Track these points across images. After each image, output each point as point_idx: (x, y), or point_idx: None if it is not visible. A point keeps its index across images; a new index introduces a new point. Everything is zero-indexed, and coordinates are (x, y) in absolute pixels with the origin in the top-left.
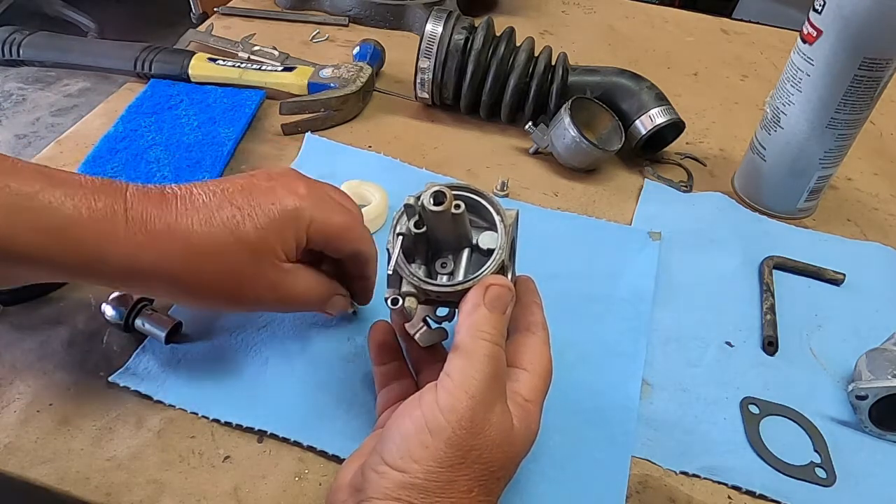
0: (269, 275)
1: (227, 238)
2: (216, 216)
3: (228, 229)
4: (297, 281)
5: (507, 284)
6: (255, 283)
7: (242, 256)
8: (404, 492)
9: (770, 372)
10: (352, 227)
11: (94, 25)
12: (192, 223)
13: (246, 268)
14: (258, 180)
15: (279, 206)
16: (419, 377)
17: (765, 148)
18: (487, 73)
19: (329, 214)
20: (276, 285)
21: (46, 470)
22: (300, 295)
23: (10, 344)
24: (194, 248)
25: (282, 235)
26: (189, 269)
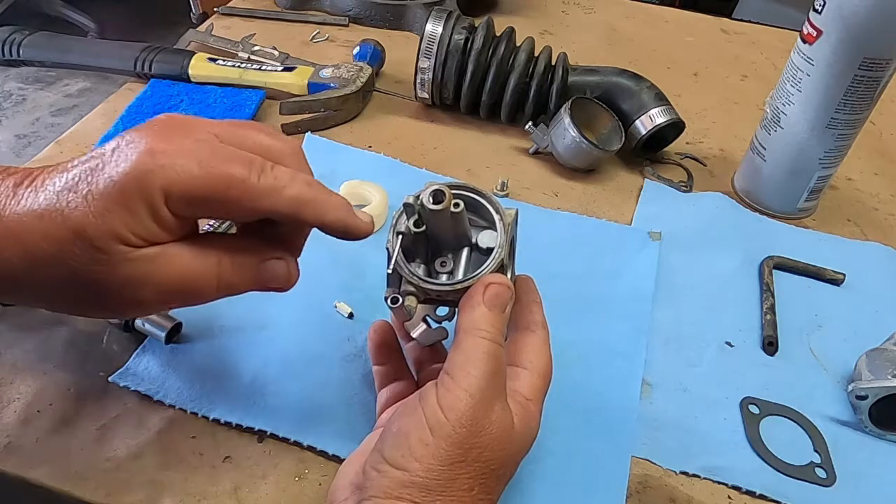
0: (123, 269)
1: (59, 232)
2: (53, 210)
3: (60, 221)
4: (168, 267)
5: (506, 283)
6: (110, 283)
7: (80, 253)
8: (405, 490)
9: (770, 372)
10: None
11: (94, 25)
12: (29, 218)
13: (90, 265)
14: (112, 143)
15: (117, 175)
16: (419, 377)
17: (765, 148)
18: (487, 73)
19: (197, 169)
20: (140, 280)
21: (46, 470)
22: (199, 278)
23: (10, 344)
24: (32, 250)
25: (126, 216)
26: (36, 280)
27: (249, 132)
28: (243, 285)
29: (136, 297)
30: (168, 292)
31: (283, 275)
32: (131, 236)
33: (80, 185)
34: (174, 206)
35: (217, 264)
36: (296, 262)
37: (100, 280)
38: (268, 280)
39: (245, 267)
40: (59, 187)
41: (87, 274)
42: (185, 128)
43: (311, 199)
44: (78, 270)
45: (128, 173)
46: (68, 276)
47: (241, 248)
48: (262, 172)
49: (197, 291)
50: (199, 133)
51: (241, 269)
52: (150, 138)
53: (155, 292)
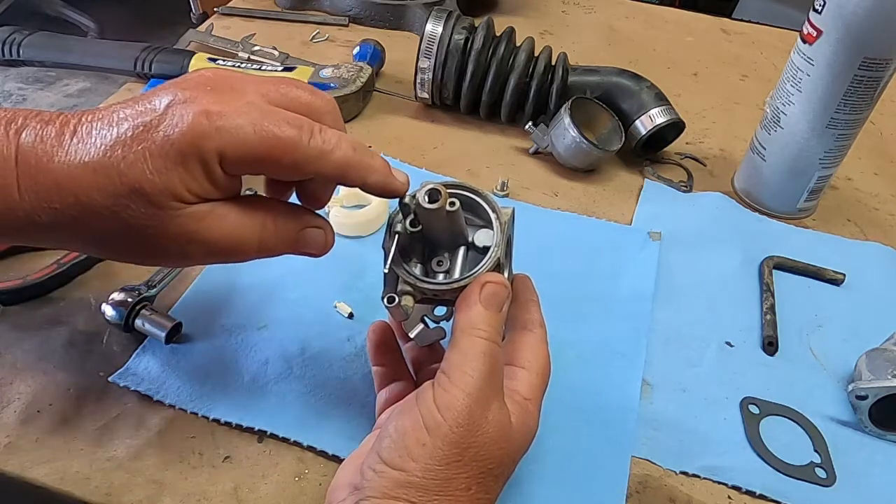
0: (174, 224)
1: (115, 188)
2: (106, 163)
3: (117, 177)
4: (228, 223)
5: (502, 282)
6: (166, 238)
7: (138, 210)
8: (402, 490)
9: (770, 372)
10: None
11: (94, 25)
12: (82, 176)
13: (144, 220)
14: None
15: (175, 135)
16: (418, 377)
17: (765, 148)
18: (487, 73)
19: (251, 131)
20: (198, 235)
21: (46, 470)
22: (241, 239)
23: (10, 344)
24: (84, 205)
25: (183, 174)
26: (87, 230)
27: (292, 89)
28: (282, 248)
29: (183, 250)
30: (213, 249)
31: (320, 242)
32: (186, 193)
33: (135, 142)
34: (228, 167)
35: (261, 226)
36: (332, 231)
37: (152, 233)
38: (305, 246)
39: (286, 232)
40: (110, 140)
41: (140, 227)
42: (236, 88)
43: (356, 162)
44: (131, 223)
45: (185, 134)
46: (121, 228)
47: (283, 213)
48: (311, 136)
49: (239, 251)
50: (249, 94)
51: (283, 234)
52: (204, 98)
53: (201, 247)
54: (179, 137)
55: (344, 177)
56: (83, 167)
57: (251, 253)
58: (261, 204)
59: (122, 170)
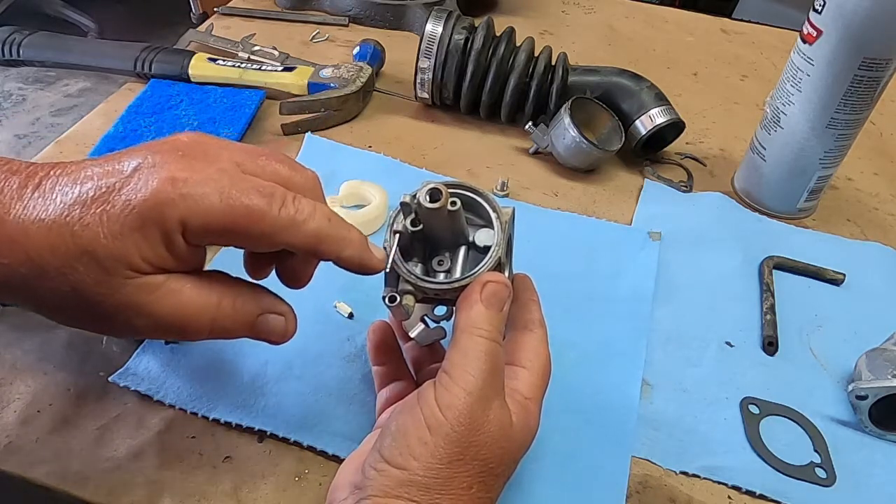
0: (123, 294)
1: (67, 248)
2: (63, 222)
3: (70, 238)
4: (181, 299)
5: (503, 281)
6: (114, 307)
7: (85, 271)
8: (404, 489)
9: (770, 372)
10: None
11: (94, 25)
12: (36, 228)
13: (92, 286)
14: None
15: (136, 200)
16: (418, 376)
17: (765, 148)
18: (487, 73)
19: (217, 200)
20: (146, 307)
21: (46, 470)
22: (193, 317)
23: (10, 344)
24: (36, 265)
25: (140, 241)
26: (36, 292)
27: (270, 162)
28: (237, 332)
29: (129, 322)
30: (161, 324)
31: (279, 331)
32: (140, 262)
33: (95, 204)
34: (190, 236)
35: (216, 306)
36: (295, 319)
37: (99, 300)
38: (263, 333)
39: (243, 314)
40: (70, 200)
41: (88, 292)
42: (208, 154)
43: (330, 234)
44: (79, 287)
45: (147, 200)
46: (69, 290)
47: (243, 294)
48: (282, 205)
49: (189, 329)
50: (221, 161)
51: (239, 316)
52: (173, 164)
53: (149, 322)
54: (141, 203)
55: (317, 249)
56: (39, 224)
57: (202, 332)
58: (219, 281)
59: (77, 231)
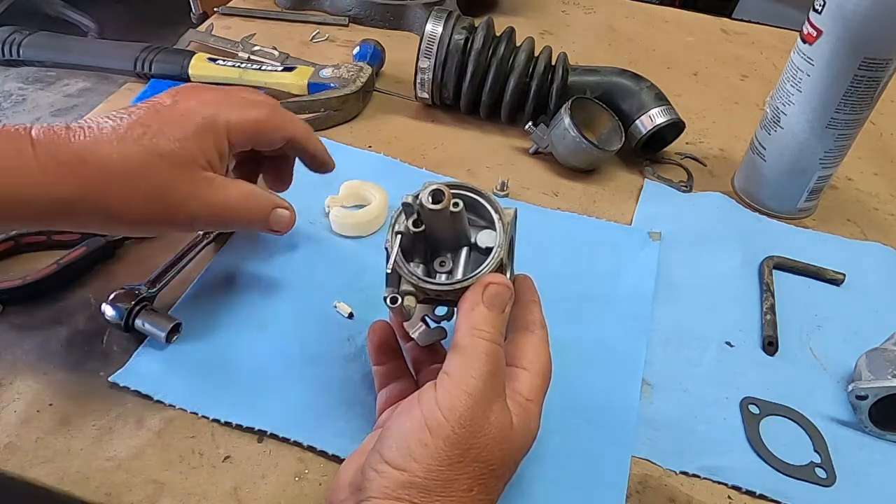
0: (196, 186)
1: (143, 156)
2: (127, 137)
3: (143, 147)
4: (228, 191)
5: (505, 283)
6: (182, 198)
7: (163, 171)
8: (404, 491)
9: (770, 372)
10: (270, 116)
11: (94, 25)
12: (104, 148)
13: (170, 182)
14: (161, 100)
15: (192, 116)
16: (419, 377)
17: (765, 148)
18: (487, 73)
19: (243, 112)
20: (206, 197)
21: (46, 470)
22: (234, 206)
23: (10, 344)
24: (110, 171)
25: (201, 145)
26: (111, 194)
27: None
28: (258, 221)
29: (193, 212)
30: (214, 212)
31: (286, 221)
32: (202, 160)
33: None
34: (233, 139)
35: (247, 198)
36: (294, 214)
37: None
38: (274, 223)
39: (263, 206)
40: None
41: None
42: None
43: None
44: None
45: (198, 113)
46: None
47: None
48: (279, 111)
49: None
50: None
51: (261, 207)
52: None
53: (207, 210)
54: (193, 116)
55: (307, 140)
56: (105, 141)
57: (238, 220)
58: (243, 182)
59: (146, 140)
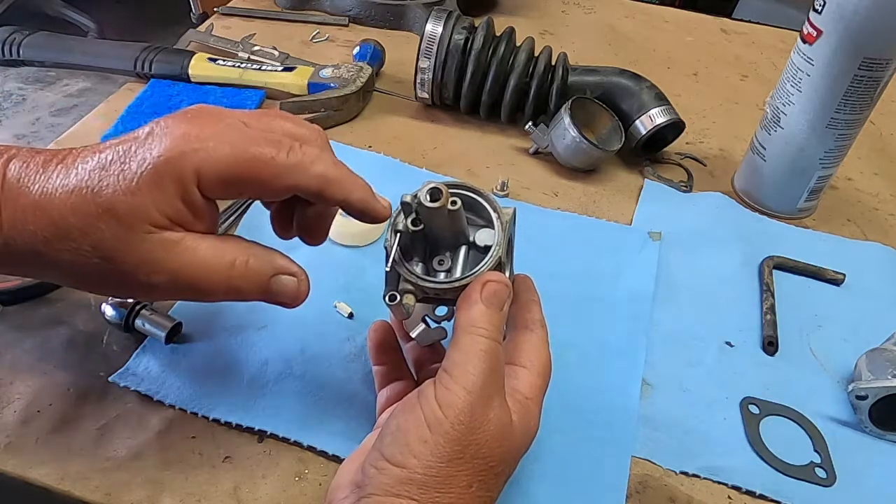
0: (142, 249)
1: (88, 208)
2: (83, 183)
3: (90, 197)
4: (198, 256)
5: (503, 281)
6: (133, 264)
7: (106, 228)
8: (403, 487)
9: (770, 372)
10: (266, 157)
11: (94, 25)
12: (61, 193)
13: (112, 242)
14: (144, 129)
15: (151, 157)
16: (419, 377)
17: (765, 148)
18: (487, 73)
19: (229, 150)
20: (163, 263)
21: (46, 470)
22: (208, 275)
23: (10, 344)
24: (58, 223)
25: (157, 196)
26: (57, 250)
27: (276, 120)
28: (251, 293)
29: (149, 280)
30: (179, 282)
31: (291, 292)
32: (158, 216)
33: (113, 166)
34: (205, 187)
35: (231, 265)
36: (307, 282)
37: (119, 257)
38: (276, 294)
39: (257, 275)
40: (91, 167)
41: (109, 249)
42: (216, 114)
43: (336, 177)
44: (100, 245)
45: (161, 155)
46: (90, 250)
47: (256, 255)
48: (290, 150)
49: (206, 288)
50: (229, 119)
51: (253, 277)
52: (184, 124)
53: (167, 278)
54: (156, 158)
55: (325, 191)
56: (62, 190)
57: (217, 292)
58: (233, 242)
59: (97, 191)
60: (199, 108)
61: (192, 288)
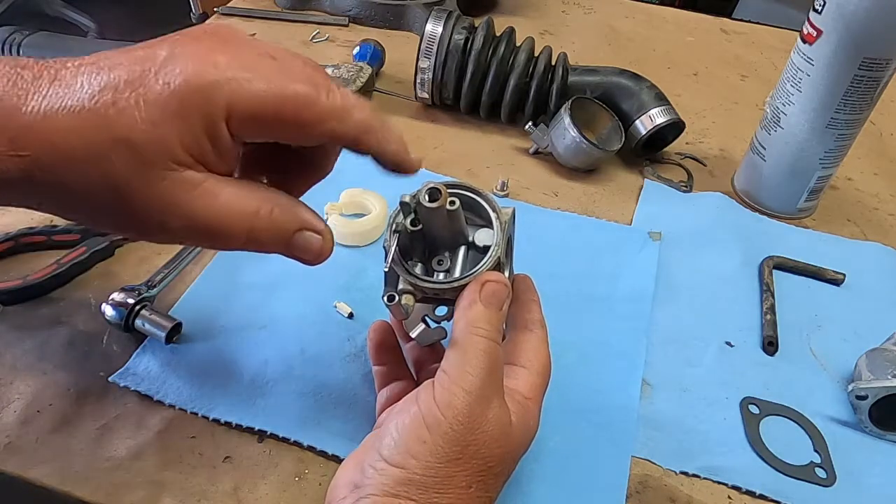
0: (160, 187)
1: (98, 135)
2: (93, 106)
3: (102, 123)
4: (220, 201)
5: (502, 280)
6: (147, 202)
7: (122, 164)
8: (402, 488)
9: (770, 372)
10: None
11: (94, 25)
12: (60, 115)
13: (127, 177)
14: (161, 47)
15: (177, 85)
16: (419, 376)
17: (765, 148)
18: (487, 73)
19: (265, 85)
20: (182, 206)
21: (46, 470)
22: (228, 223)
23: (10, 344)
24: (60, 150)
25: (182, 129)
26: (58, 181)
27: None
28: (273, 245)
29: (162, 221)
30: (195, 227)
31: (315, 250)
32: (181, 152)
33: (129, 88)
34: (235, 125)
35: (254, 215)
36: (332, 240)
37: (131, 193)
38: (298, 249)
39: (282, 228)
40: (98, 85)
41: (121, 184)
42: (244, 42)
43: (377, 126)
44: (111, 177)
45: (189, 81)
46: (99, 181)
47: (282, 205)
48: (329, 92)
49: (224, 235)
50: (258, 48)
51: (277, 229)
52: (212, 47)
53: (183, 223)
54: (183, 85)
55: (363, 139)
56: (63, 110)
57: (237, 242)
58: (259, 189)
59: (111, 116)
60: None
61: (209, 234)
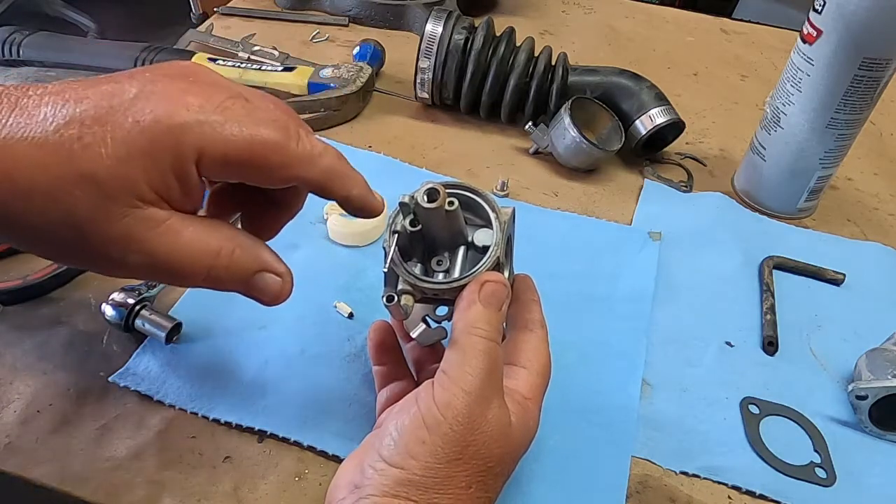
0: (122, 225)
1: (61, 169)
2: (56, 138)
3: (67, 158)
4: (181, 239)
5: (502, 281)
6: (107, 239)
7: (83, 199)
8: (402, 488)
9: (770, 372)
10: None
11: (94, 25)
12: (21, 146)
13: (89, 213)
14: (130, 83)
15: (147, 124)
16: (419, 377)
17: (765, 148)
18: (487, 73)
19: (237, 129)
20: (143, 243)
21: (46, 470)
22: (188, 262)
23: (10, 344)
24: (19, 184)
25: (149, 167)
26: (18, 212)
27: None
28: (230, 286)
29: (123, 258)
30: (156, 265)
31: (273, 292)
32: (146, 189)
33: (97, 122)
34: (205, 167)
35: (215, 255)
36: (291, 283)
37: (94, 230)
38: (256, 291)
39: (240, 268)
40: (62, 119)
41: (82, 220)
42: (217, 84)
43: (341, 172)
44: (72, 213)
45: (161, 122)
46: (59, 217)
47: (243, 246)
48: (299, 139)
49: (184, 275)
50: (231, 90)
51: (235, 269)
52: (182, 88)
53: (144, 260)
54: (153, 125)
55: (328, 185)
56: (24, 142)
57: (196, 280)
58: (222, 229)
59: (75, 150)
60: (194, 70)
61: (169, 272)
